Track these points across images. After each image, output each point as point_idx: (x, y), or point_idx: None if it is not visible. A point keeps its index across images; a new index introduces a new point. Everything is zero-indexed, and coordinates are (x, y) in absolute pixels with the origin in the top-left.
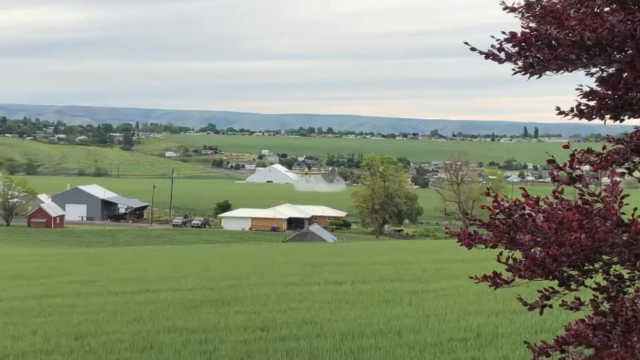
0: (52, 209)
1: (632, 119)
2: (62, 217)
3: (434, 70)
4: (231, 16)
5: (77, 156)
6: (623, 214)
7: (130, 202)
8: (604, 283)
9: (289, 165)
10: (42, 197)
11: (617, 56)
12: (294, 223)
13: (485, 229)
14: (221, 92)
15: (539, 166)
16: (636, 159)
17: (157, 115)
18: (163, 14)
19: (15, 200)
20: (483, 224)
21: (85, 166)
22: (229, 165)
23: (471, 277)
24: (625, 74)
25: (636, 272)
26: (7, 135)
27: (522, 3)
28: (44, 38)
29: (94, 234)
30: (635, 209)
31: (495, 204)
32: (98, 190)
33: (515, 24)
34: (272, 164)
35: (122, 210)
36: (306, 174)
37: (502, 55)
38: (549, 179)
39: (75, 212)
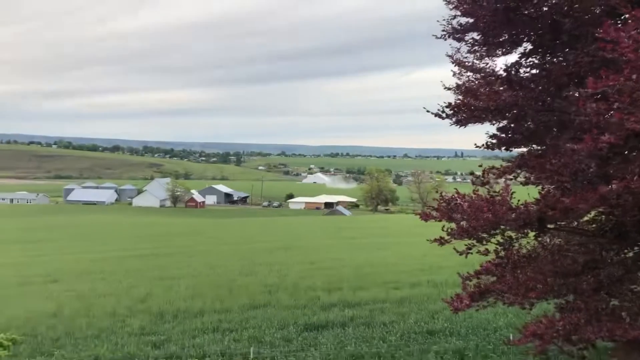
0: (198, 197)
1: (516, 149)
2: (203, 202)
3: (408, 120)
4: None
5: (212, 169)
6: (512, 203)
7: (240, 194)
8: (501, 240)
9: (325, 173)
10: (193, 191)
11: (507, 115)
12: (328, 205)
13: (435, 211)
14: (289, 133)
15: (464, 173)
16: (518, 171)
17: (253, 147)
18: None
19: (178, 193)
20: (434, 208)
21: (215, 174)
22: (293, 173)
23: (428, 240)
24: (512, 125)
25: (519, 234)
26: (175, 158)
27: (454, 85)
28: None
29: (221, 211)
30: (518, 200)
31: (441, 197)
32: (223, 187)
33: (450, 96)
34: (316, 173)
35: (235, 198)
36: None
37: (444, 115)
38: (469, 180)
39: (211, 199)
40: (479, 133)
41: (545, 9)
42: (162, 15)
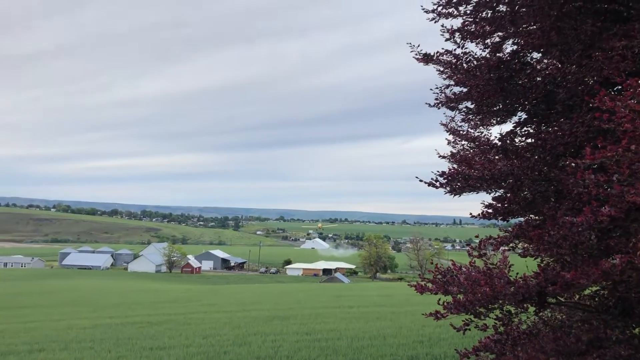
0: (194, 263)
1: (513, 219)
2: (199, 267)
3: (407, 187)
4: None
5: (209, 234)
6: (510, 276)
7: (237, 259)
8: (500, 315)
9: (323, 239)
10: (189, 256)
11: (503, 184)
12: (326, 271)
13: (431, 283)
14: (288, 198)
15: (462, 240)
16: (516, 241)
17: (251, 212)
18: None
19: (174, 258)
20: (429, 280)
21: (213, 239)
22: (291, 239)
23: (423, 314)
24: (508, 195)
25: (518, 309)
26: (173, 222)
27: (449, 153)
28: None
29: (217, 277)
30: (517, 273)
31: (436, 269)
32: (219, 253)
33: (443, 164)
34: (314, 238)
35: (232, 264)
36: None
37: (438, 184)
38: (466, 248)
39: (207, 265)
40: (476, 201)
41: (538, 79)
42: (162, 84)
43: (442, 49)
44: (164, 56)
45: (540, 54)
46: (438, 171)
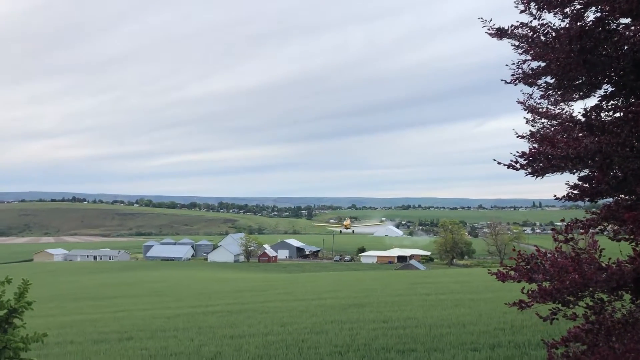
0: (270, 252)
1: (601, 199)
2: (275, 256)
3: (483, 170)
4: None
5: (283, 223)
6: (601, 261)
7: (311, 248)
8: (590, 303)
9: (397, 226)
10: (265, 246)
11: (590, 163)
12: (401, 258)
13: (514, 271)
14: (360, 186)
15: (543, 224)
16: (605, 224)
17: (323, 201)
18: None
19: (251, 248)
20: (512, 268)
21: (287, 228)
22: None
23: (506, 303)
24: (596, 174)
25: (612, 297)
26: (249, 213)
27: (527, 133)
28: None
29: (292, 265)
30: (609, 259)
31: (519, 256)
32: (294, 242)
33: (522, 145)
34: (387, 225)
35: (307, 252)
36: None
37: (518, 165)
38: (549, 231)
39: (283, 254)
40: (558, 182)
41: (626, 47)
42: (230, 80)
43: (517, 22)
44: (229, 53)
45: (628, 20)
46: (518, 152)
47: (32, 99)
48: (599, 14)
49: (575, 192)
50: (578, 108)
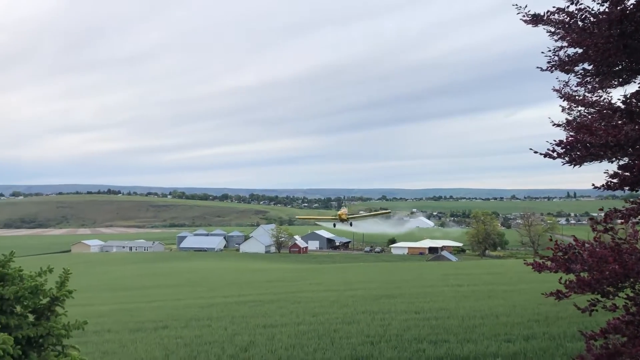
0: (301, 243)
1: None
2: (306, 247)
3: (515, 160)
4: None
5: (314, 214)
6: None
7: (342, 239)
8: (631, 294)
9: (428, 217)
10: (296, 237)
11: (630, 151)
12: (432, 250)
13: (550, 261)
14: (390, 177)
15: (578, 214)
16: None
17: (353, 192)
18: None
19: (282, 239)
20: (548, 258)
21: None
22: (394, 218)
23: (543, 294)
24: (636, 162)
25: None
26: (279, 204)
27: (564, 121)
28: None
29: (323, 256)
30: None
31: (556, 246)
32: (325, 233)
33: (557, 134)
34: (418, 217)
35: (337, 243)
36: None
37: (555, 154)
38: (584, 222)
39: (313, 245)
40: (594, 172)
41: None
42: (263, 72)
43: (554, 7)
44: (261, 44)
45: None
46: (554, 141)
47: (68, 93)
48: None
49: (615, 180)
50: (617, 95)
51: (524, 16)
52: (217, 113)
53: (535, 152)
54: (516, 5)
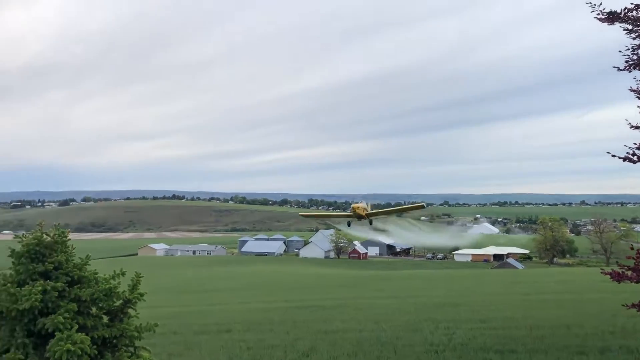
0: (360, 249)
1: None
2: (366, 253)
3: (585, 164)
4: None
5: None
6: None
7: (403, 245)
8: None
9: (492, 223)
10: (356, 242)
11: None
12: (497, 257)
13: (631, 271)
14: (453, 182)
15: None
16: None
17: (414, 197)
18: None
19: (341, 244)
20: (628, 267)
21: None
22: (457, 224)
23: (624, 305)
24: None
25: None
26: (338, 209)
27: None
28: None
29: (383, 263)
30: None
31: (637, 254)
32: (384, 238)
33: (635, 136)
34: (482, 223)
35: (398, 249)
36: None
37: (635, 158)
38: None
39: (373, 251)
40: None
41: None
42: (323, 77)
43: (632, 4)
44: (321, 49)
45: None
46: (635, 144)
47: (135, 102)
48: None
49: None
50: None
51: (598, 14)
52: (278, 119)
53: (614, 156)
54: (590, 3)
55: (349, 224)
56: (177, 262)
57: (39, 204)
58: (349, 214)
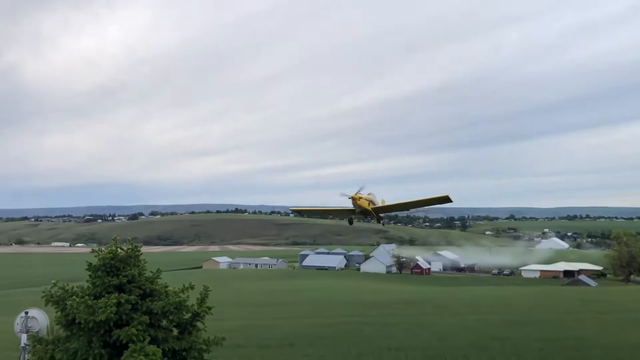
0: (423, 264)
1: None
2: (429, 268)
3: None
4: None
5: (435, 234)
6: None
7: (467, 260)
8: None
9: (561, 238)
10: (418, 257)
11: None
12: (567, 273)
13: None
14: (519, 195)
15: None
16: None
17: (478, 211)
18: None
19: (403, 259)
20: None
21: (439, 240)
22: (525, 238)
23: None
24: None
25: None
26: (399, 224)
27: None
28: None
29: (447, 278)
30: None
31: None
32: (448, 254)
33: None
34: (551, 237)
35: (462, 265)
36: None
37: None
38: None
39: (436, 266)
40: None
41: None
42: (382, 90)
43: None
44: (380, 64)
45: None
46: None
47: (200, 119)
48: None
49: None
50: None
51: None
52: (337, 133)
53: None
54: None
55: (350, 222)
56: (240, 275)
57: (110, 218)
58: (350, 208)
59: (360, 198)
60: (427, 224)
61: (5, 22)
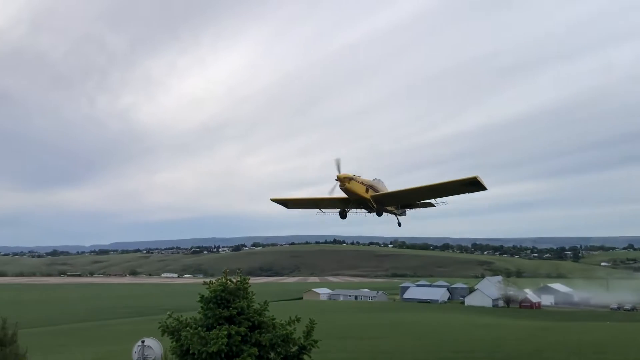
0: (533, 297)
1: None
2: (539, 302)
3: None
4: None
5: (545, 266)
6: None
7: (581, 294)
8: None
9: None
10: (527, 290)
11: None
12: None
13: None
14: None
15: None
16: None
17: (592, 240)
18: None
19: (510, 292)
20: None
21: (550, 272)
22: None
23: None
24: None
25: None
26: (505, 255)
27: None
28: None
29: (560, 313)
30: None
31: None
32: (560, 286)
33: None
34: None
35: (576, 299)
36: None
37: None
38: None
39: (547, 300)
40: None
41: None
42: (483, 116)
43: None
44: (479, 89)
45: None
46: None
47: (300, 151)
48: None
49: None
50: None
51: None
52: (437, 160)
53: None
54: None
55: (342, 216)
56: (340, 307)
57: (215, 249)
58: (344, 197)
59: (350, 180)
60: (536, 254)
61: (120, 68)
